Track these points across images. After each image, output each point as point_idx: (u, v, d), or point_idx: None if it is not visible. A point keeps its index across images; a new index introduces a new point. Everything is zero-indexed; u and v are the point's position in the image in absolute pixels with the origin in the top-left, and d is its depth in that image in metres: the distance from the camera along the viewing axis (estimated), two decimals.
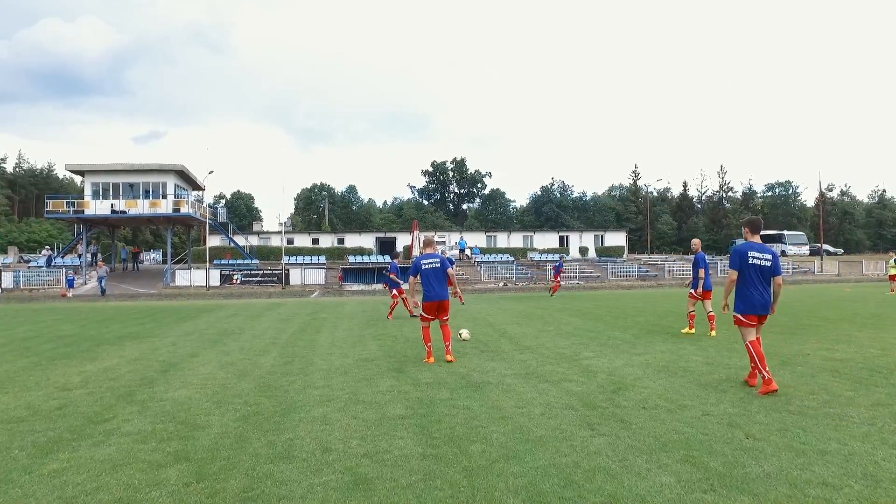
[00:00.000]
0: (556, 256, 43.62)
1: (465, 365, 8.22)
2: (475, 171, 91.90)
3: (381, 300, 21.51)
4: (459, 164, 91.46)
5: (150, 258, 65.27)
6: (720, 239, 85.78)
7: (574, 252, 56.36)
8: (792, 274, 45.02)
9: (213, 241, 50.14)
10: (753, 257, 6.43)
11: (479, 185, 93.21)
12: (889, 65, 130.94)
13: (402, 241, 56.62)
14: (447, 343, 8.55)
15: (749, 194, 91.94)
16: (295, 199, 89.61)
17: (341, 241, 56.50)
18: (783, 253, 56.99)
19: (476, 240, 56.38)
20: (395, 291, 15.56)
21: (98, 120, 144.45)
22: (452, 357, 8.47)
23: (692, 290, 11.24)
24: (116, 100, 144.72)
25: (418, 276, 8.63)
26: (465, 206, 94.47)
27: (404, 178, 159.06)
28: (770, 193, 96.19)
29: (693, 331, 11.08)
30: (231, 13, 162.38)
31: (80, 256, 40.31)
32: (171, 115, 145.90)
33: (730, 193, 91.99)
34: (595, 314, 15.74)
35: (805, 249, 58.43)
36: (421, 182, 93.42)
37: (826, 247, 63.67)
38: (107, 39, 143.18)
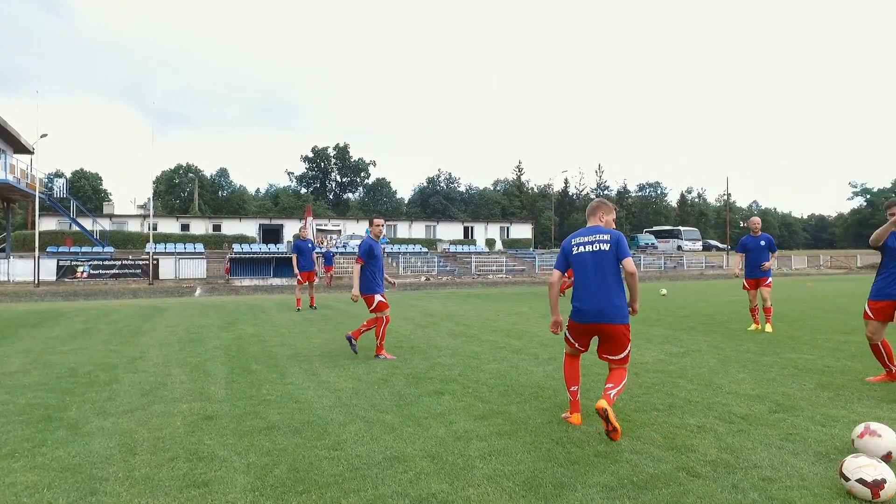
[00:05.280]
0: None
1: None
2: (359, 160, 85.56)
3: (288, 297, 14.94)
4: (342, 151, 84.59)
5: None
6: None
7: (481, 244, 52.60)
8: (704, 269, 44.64)
9: (48, 223, 39.54)
10: None
11: (363, 175, 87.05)
12: (732, 74, 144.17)
13: (289, 228, 49.25)
14: (608, 391, 4.15)
15: (623, 193, 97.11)
16: (154, 182, 77.09)
17: (217, 227, 47.79)
18: (679, 248, 57.75)
19: None
20: None
21: None
22: (617, 425, 3.98)
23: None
24: None
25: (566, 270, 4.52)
26: (347, 196, 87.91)
27: (277, 165, 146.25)
28: (641, 193, 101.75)
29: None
30: None
31: None
32: None
33: (606, 192, 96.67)
34: (669, 322, 11.06)
35: (699, 245, 59.80)
36: (300, 168, 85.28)
37: (715, 243, 66.15)
38: None
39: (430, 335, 9.35)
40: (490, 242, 54.35)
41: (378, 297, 7.15)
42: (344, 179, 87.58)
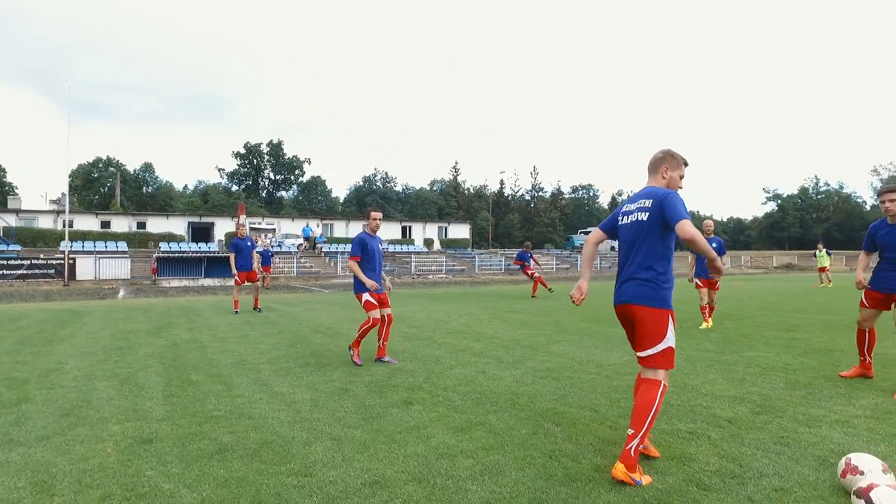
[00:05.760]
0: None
1: None
2: (293, 157, 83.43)
3: (223, 298, 13.94)
4: (276, 148, 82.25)
5: None
6: (533, 235, 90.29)
7: (419, 244, 52.26)
8: None
9: None
10: None
11: (297, 172, 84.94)
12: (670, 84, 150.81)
13: (221, 227, 47.14)
14: (627, 444, 3.27)
15: (557, 195, 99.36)
16: (70, 176, 71.99)
17: (142, 225, 45.05)
18: (612, 248, 59.42)
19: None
20: None
21: None
22: (643, 479, 3.21)
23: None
24: None
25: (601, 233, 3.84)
26: (280, 194, 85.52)
27: (207, 161, 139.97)
28: (574, 195, 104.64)
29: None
30: None
31: None
32: None
33: (541, 193, 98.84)
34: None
35: None
36: (231, 165, 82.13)
37: None
38: None
39: None
40: (428, 242, 54.10)
41: (366, 297, 6.62)
42: (278, 177, 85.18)
